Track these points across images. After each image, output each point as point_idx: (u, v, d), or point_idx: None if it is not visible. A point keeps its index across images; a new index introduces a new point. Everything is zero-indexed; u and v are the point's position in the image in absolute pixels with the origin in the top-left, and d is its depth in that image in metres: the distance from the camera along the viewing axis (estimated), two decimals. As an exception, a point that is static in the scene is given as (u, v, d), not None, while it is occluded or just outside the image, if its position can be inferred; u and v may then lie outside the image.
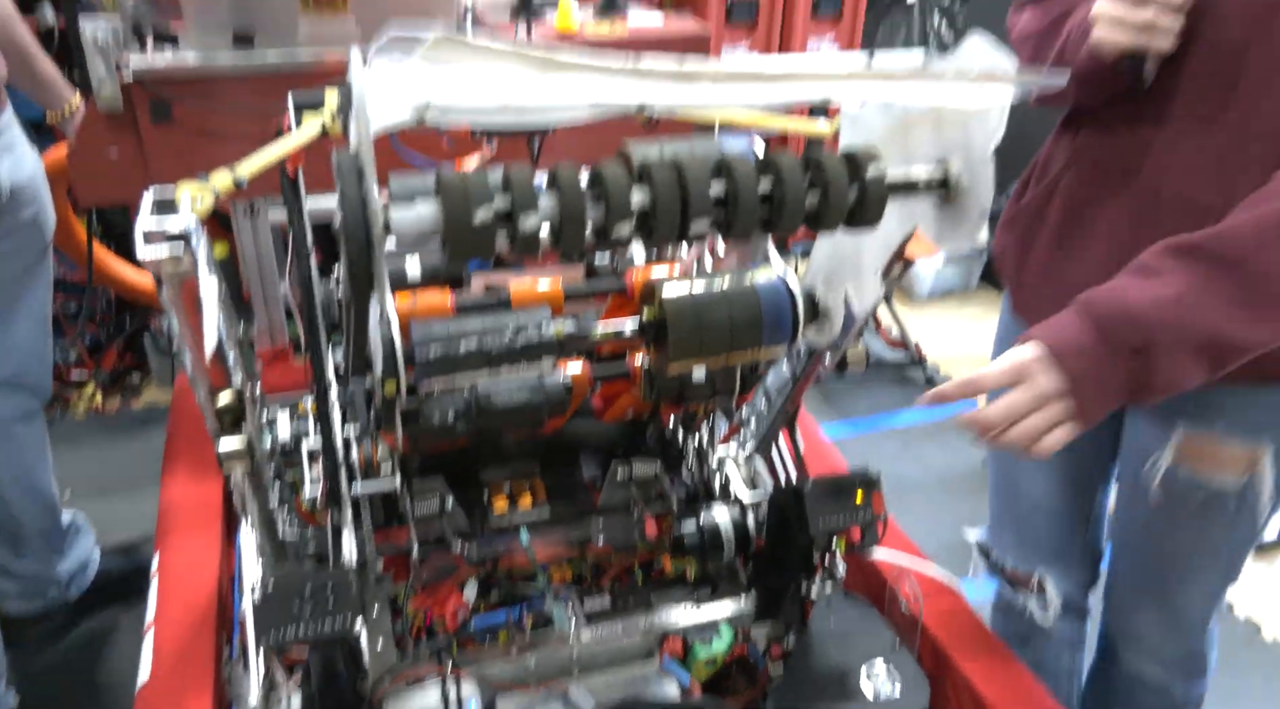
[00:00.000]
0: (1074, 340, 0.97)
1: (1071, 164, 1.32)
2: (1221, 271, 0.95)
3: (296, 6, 1.48)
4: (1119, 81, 1.16)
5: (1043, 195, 1.37)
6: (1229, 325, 0.95)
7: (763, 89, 0.68)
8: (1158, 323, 0.95)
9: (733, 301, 1.01)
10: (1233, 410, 1.26)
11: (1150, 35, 1.08)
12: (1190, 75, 1.12)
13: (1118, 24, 1.09)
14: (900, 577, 1.41)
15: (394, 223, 0.69)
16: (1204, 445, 1.29)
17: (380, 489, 1.28)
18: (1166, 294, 0.95)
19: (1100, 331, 0.96)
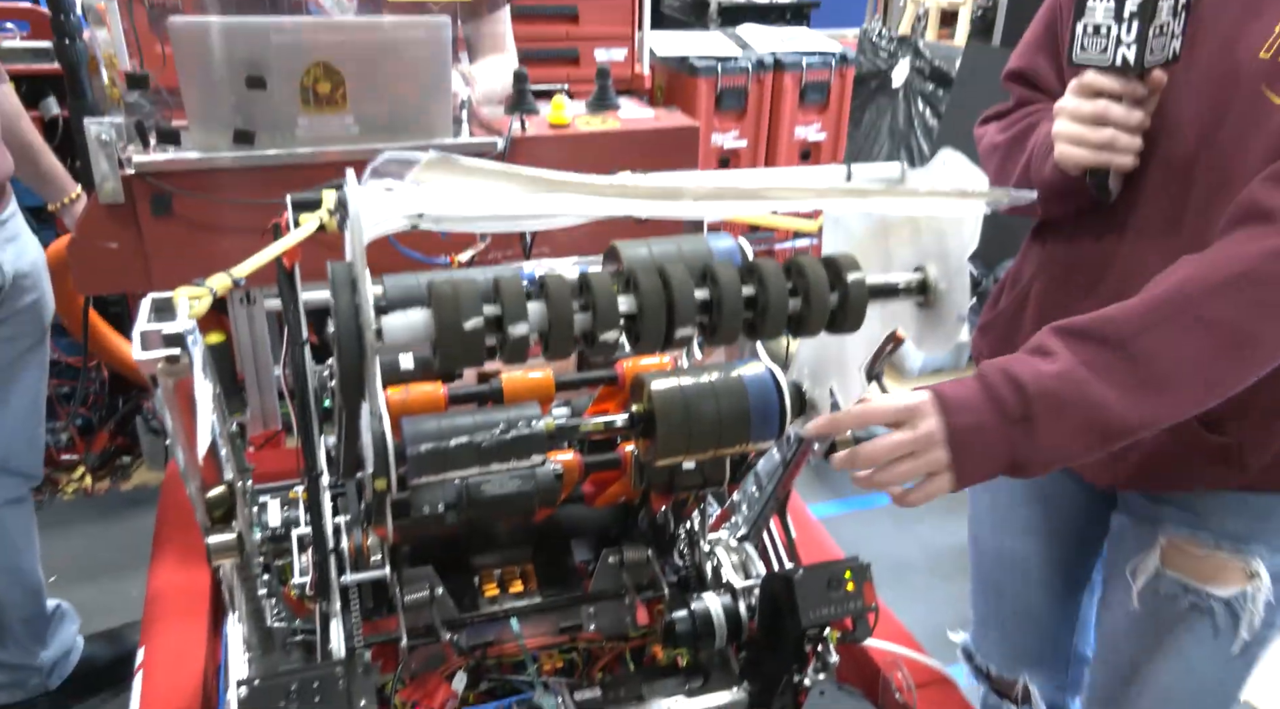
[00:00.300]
0: (964, 397, 0.99)
1: (1041, 272, 1.35)
2: (1105, 352, 0.97)
3: (297, 105, 1.53)
4: (1084, 196, 1.19)
5: (1016, 302, 1.40)
6: (1111, 404, 0.97)
7: (742, 206, 0.71)
8: (1039, 393, 0.96)
9: (720, 397, 1.02)
10: (1220, 515, 1.24)
11: (1111, 153, 1.11)
12: (1148, 188, 1.15)
13: (1078, 142, 1.12)
14: (893, 665, 1.40)
15: (386, 331, 0.71)
16: (1191, 550, 1.27)
17: (370, 578, 1.27)
18: (1051, 369, 0.98)
19: (988, 393, 0.98)
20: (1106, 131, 1.10)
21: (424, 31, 1.59)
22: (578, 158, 1.80)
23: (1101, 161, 1.12)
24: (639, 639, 1.47)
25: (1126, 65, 1.05)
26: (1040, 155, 1.21)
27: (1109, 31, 1.05)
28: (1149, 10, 1.02)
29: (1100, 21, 1.06)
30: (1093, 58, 1.08)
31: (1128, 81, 1.08)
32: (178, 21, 1.46)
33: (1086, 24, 1.07)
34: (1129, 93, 1.08)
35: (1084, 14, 1.07)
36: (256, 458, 1.85)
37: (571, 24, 3.39)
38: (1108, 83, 1.08)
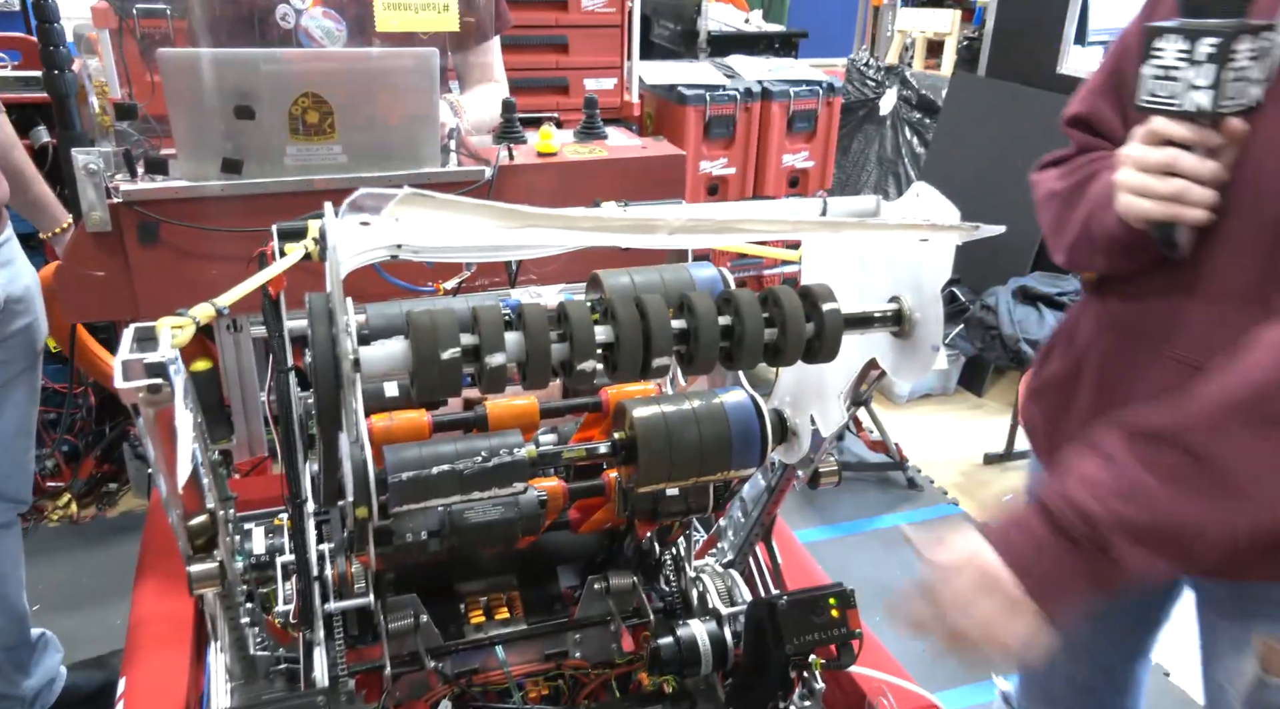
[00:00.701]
0: (1028, 540, 0.92)
1: (1101, 334, 1.23)
2: (1174, 456, 0.89)
3: (285, 135, 1.54)
4: (1150, 251, 1.07)
5: (1072, 365, 1.27)
6: (1187, 519, 0.88)
7: (718, 238, 0.72)
8: (1111, 523, 0.89)
9: (702, 424, 1.03)
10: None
11: (1180, 206, 1.00)
12: (1230, 247, 1.03)
13: (1143, 193, 1.02)
14: (879, 692, 1.40)
15: (364, 362, 0.72)
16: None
17: (353, 606, 1.27)
18: (1116, 486, 0.90)
19: (1054, 526, 0.91)
20: (1175, 183, 0.99)
21: (412, 62, 1.61)
22: (565, 187, 1.82)
23: (1169, 215, 1.01)
24: (625, 666, 1.47)
25: (1200, 111, 0.96)
26: (1103, 205, 1.10)
27: (1180, 75, 0.96)
28: (1225, 51, 0.93)
29: (1170, 63, 0.97)
30: (1161, 102, 0.99)
31: (1200, 129, 0.97)
32: (167, 53, 1.48)
33: (1156, 66, 0.98)
34: (1201, 141, 0.98)
35: (1152, 56, 0.98)
36: (242, 484, 1.85)
37: (561, 54, 3.43)
38: (1178, 130, 0.98)
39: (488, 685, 1.41)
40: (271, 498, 1.62)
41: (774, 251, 1.23)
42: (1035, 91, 3.82)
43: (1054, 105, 3.93)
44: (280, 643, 1.36)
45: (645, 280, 1.01)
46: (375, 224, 0.69)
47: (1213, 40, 0.93)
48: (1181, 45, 0.95)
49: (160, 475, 0.91)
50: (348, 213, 0.68)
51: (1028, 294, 3.45)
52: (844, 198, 0.89)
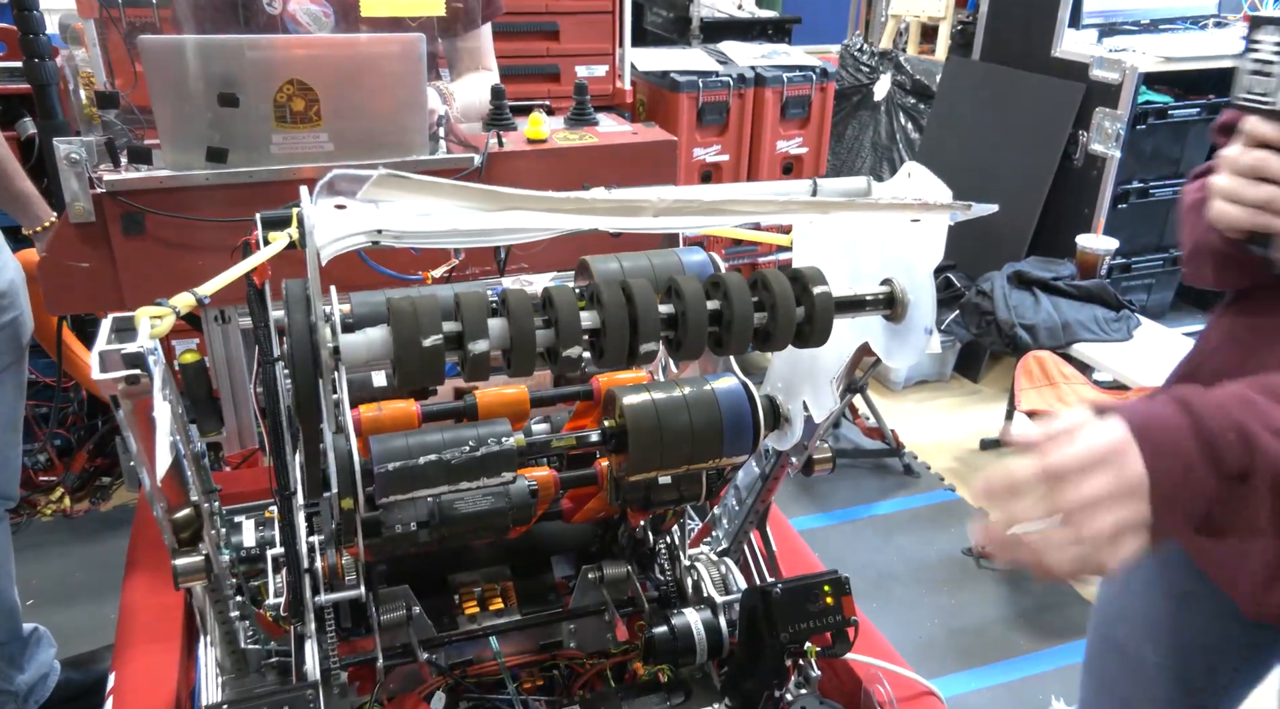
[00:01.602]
0: (1172, 437, 0.78)
1: (1222, 345, 1.16)
2: None
3: (271, 122, 1.52)
4: (1256, 264, 1.00)
5: (1186, 376, 1.21)
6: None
7: (703, 220, 0.70)
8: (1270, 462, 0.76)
9: (693, 411, 1.02)
10: None
11: (1272, 216, 0.93)
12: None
13: (1233, 198, 0.95)
14: (875, 679, 1.39)
15: (344, 349, 0.70)
16: None
17: (344, 598, 1.26)
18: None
19: (1203, 438, 0.77)
20: (1265, 189, 0.91)
21: (399, 48, 1.59)
22: (555, 173, 1.80)
23: (1259, 224, 0.94)
24: (620, 656, 1.46)
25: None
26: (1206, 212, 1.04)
27: (1275, 70, 0.89)
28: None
29: (1268, 58, 0.89)
30: (1255, 99, 0.91)
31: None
32: (148, 40, 1.45)
33: (1253, 59, 0.91)
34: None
35: (1251, 48, 0.91)
36: (233, 477, 1.83)
37: (552, 40, 3.41)
38: (1269, 130, 0.91)
39: (482, 676, 1.40)
40: (263, 490, 1.61)
41: (765, 236, 1.21)
42: (1030, 75, 3.80)
43: (1049, 89, 3.91)
44: (271, 636, 1.35)
45: (634, 265, 0.99)
46: (355, 209, 0.68)
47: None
48: (1277, 37, 0.88)
49: (142, 469, 0.90)
50: (323, 196, 0.67)
51: (1023, 279, 3.44)
52: (834, 179, 0.88)
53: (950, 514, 3.19)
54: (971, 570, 2.91)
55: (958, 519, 3.16)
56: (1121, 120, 3.49)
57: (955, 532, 3.07)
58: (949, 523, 3.13)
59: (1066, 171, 3.74)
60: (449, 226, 0.70)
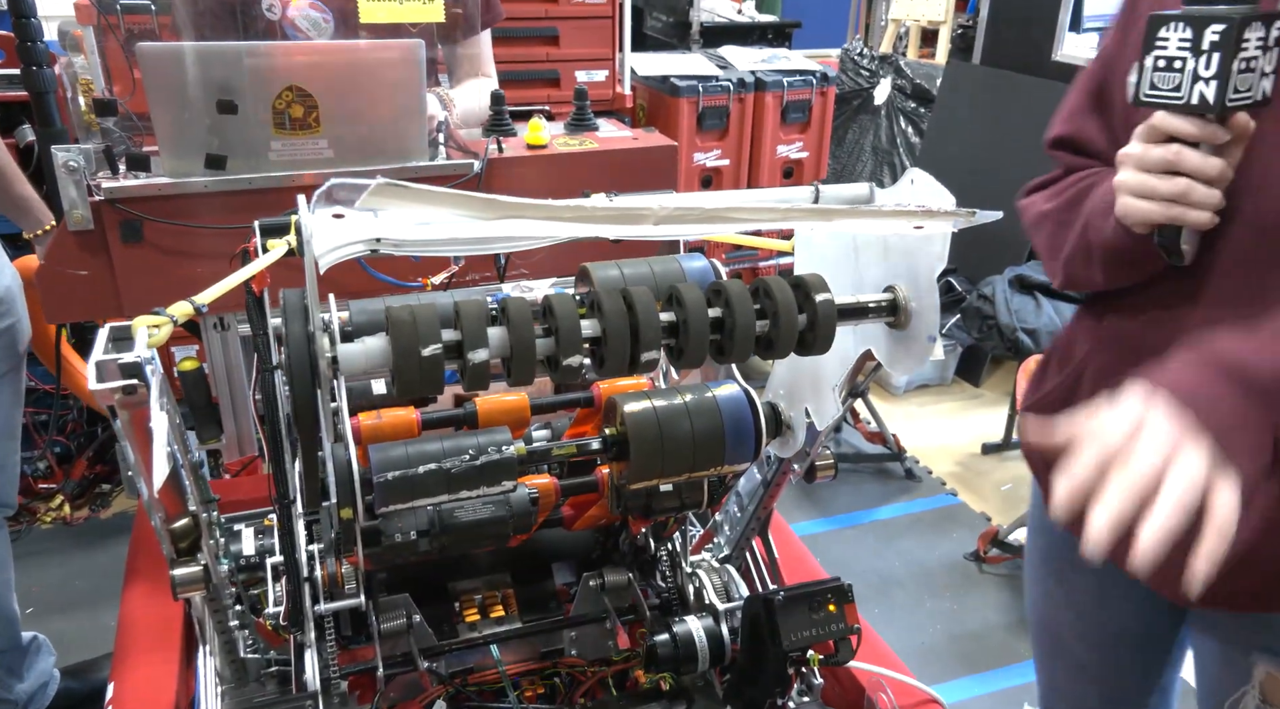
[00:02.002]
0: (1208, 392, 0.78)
1: (1099, 348, 1.17)
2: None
3: (270, 129, 1.52)
4: (1152, 260, 1.02)
5: (1068, 384, 1.22)
6: None
7: (704, 228, 0.70)
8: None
9: (695, 418, 1.01)
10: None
11: (1184, 207, 0.94)
12: (1230, 251, 0.98)
13: (1145, 194, 0.96)
14: (878, 687, 1.39)
15: (342, 360, 0.70)
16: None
17: (344, 607, 1.25)
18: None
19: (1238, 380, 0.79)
20: (1179, 182, 0.93)
21: (398, 54, 1.58)
22: (555, 179, 1.80)
23: (1173, 217, 0.95)
24: (621, 663, 1.45)
25: (1205, 104, 0.90)
26: (1100, 213, 1.05)
27: (1184, 65, 0.90)
28: (1232, 41, 0.87)
29: (1174, 54, 0.90)
30: (1164, 95, 0.92)
31: (1205, 124, 0.92)
32: (146, 47, 1.45)
33: (1158, 57, 0.92)
34: (1207, 137, 0.92)
35: (1154, 45, 0.92)
36: (232, 485, 1.83)
37: (552, 46, 3.41)
38: (1181, 124, 0.92)
39: (483, 685, 1.39)
40: (262, 498, 1.60)
41: (767, 242, 1.21)
42: (1030, 79, 3.80)
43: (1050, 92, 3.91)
44: (271, 645, 1.35)
45: (634, 272, 0.99)
46: (354, 217, 0.67)
47: (1219, 27, 0.87)
48: (1185, 33, 0.89)
49: (140, 479, 0.89)
50: (321, 205, 0.66)
51: (1024, 283, 3.43)
52: (837, 186, 0.87)
53: (952, 519, 3.18)
54: (974, 575, 2.90)
55: (960, 524, 3.15)
56: (1122, 124, 3.48)
57: (957, 536, 3.06)
58: (951, 528, 3.12)
59: (1067, 175, 3.73)
60: (448, 235, 0.70)
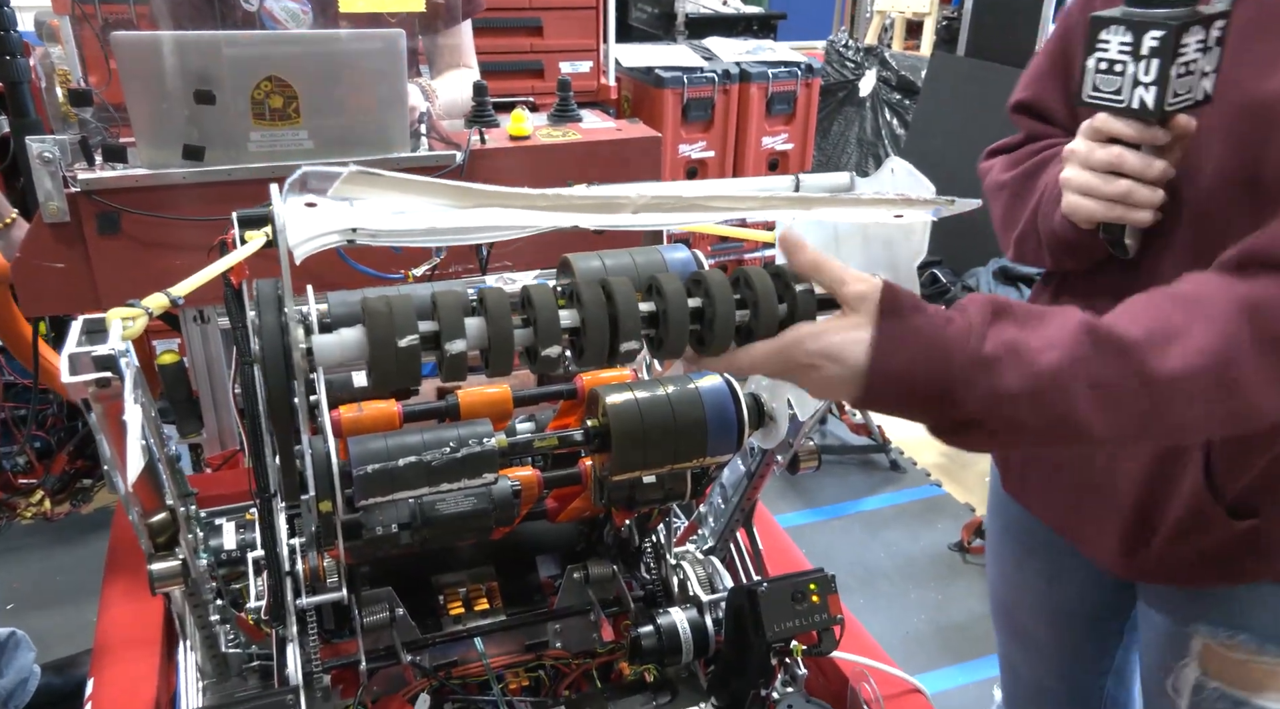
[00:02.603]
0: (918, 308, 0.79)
1: None
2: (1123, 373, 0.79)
3: (249, 120, 1.50)
4: (1098, 249, 1.04)
5: None
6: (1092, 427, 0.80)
7: (683, 216, 0.69)
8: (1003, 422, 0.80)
9: (677, 410, 1.01)
10: (1260, 613, 1.08)
11: (1126, 207, 0.96)
12: (1174, 242, 0.99)
13: (1089, 193, 0.98)
14: (861, 677, 1.39)
15: (317, 351, 0.69)
16: (1232, 655, 1.10)
17: (325, 601, 1.24)
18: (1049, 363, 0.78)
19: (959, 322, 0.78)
20: (1121, 183, 0.95)
21: (378, 44, 1.57)
22: (538, 170, 1.79)
23: (1115, 217, 0.97)
24: (606, 656, 1.45)
25: (1145, 109, 0.89)
26: (1049, 201, 1.07)
27: (1124, 69, 0.89)
28: (1170, 46, 0.85)
29: (1115, 57, 0.90)
30: (1105, 98, 0.92)
31: (1146, 127, 0.92)
32: (121, 36, 1.43)
33: (1099, 59, 0.91)
34: (1148, 139, 0.93)
35: (1096, 48, 0.91)
36: (214, 479, 1.81)
37: (536, 36, 3.39)
38: (1122, 127, 0.93)
39: (467, 678, 1.39)
40: (244, 492, 1.59)
41: (749, 233, 1.20)
42: (1015, 70, 3.80)
43: (1033, 84, 3.90)
44: (253, 640, 1.34)
45: (616, 263, 0.98)
46: (329, 207, 0.66)
47: (1158, 34, 0.85)
48: (1125, 38, 0.88)
49: (116, 473, 0.88)
50: (293, 193, 0.65)
51: (1008, 274, 3.45)
52: (817, 175, 0.87)
53: (936, 509, 3.20)
54: (958, 565, 2.92)
55: (944, 514, 3.16)
56: (1105, 115, 3.50)
57: (942, 527, 3.08)
58: (935, 518, 3.14)
59: (1051, 167, 3.74)
60: (425, 225, 0.69)
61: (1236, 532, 1.03)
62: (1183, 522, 1.05)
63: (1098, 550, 1.20)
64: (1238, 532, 1.03)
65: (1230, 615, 1.09)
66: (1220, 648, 1.10)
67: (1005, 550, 1.45)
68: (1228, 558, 1.06)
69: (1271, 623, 1.07)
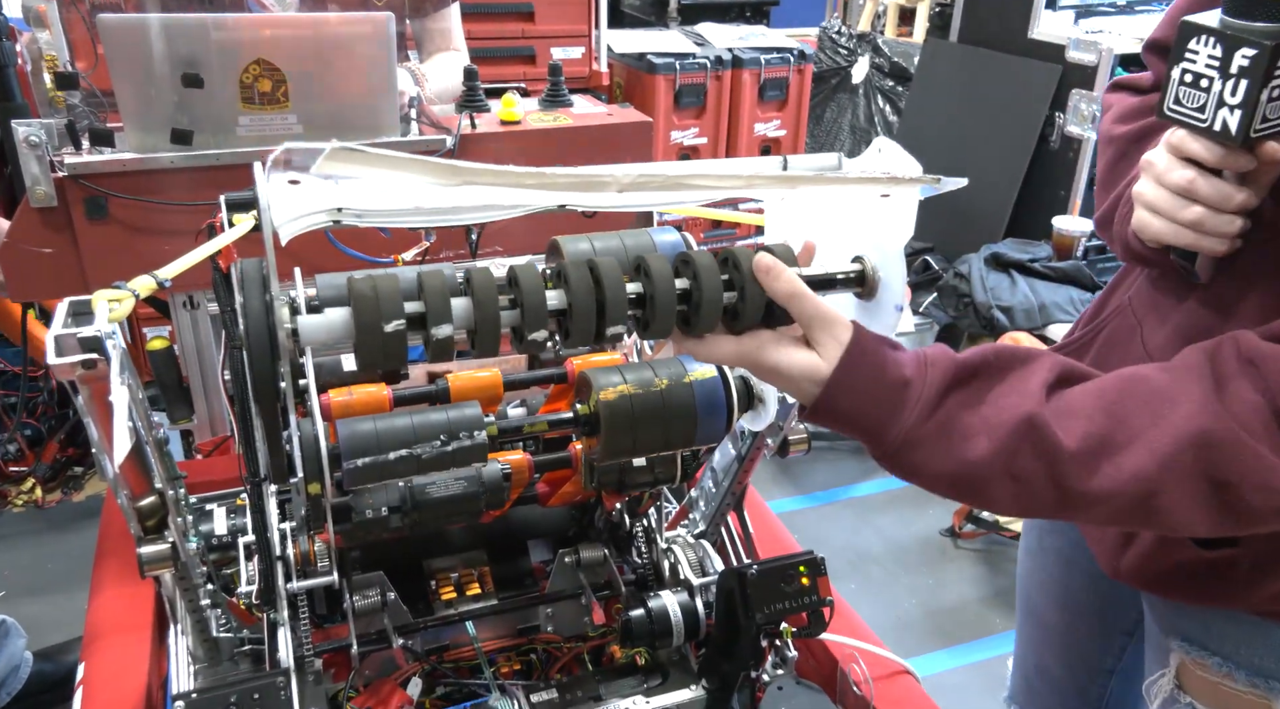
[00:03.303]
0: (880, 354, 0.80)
1: (1120, 312, 1.12)
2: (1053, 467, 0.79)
3: (237, 104, 1.49)
4: (1169, 267, 0.97)
5: (1086, 336, 1.19)
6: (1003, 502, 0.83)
7: (668, 195, 0.69)
8: None
9: (667, 396, 1.01)
10: (1235, 642, 1.06)
11: (1198, 235, 0.88)
12: (1252, 272, 0.91)
13: (1159, 213, 0.90)
14: (851, 659, 1.40)
15: (302, 331, 0.69)
16: (1205, 675, 1.08)
17: (316, 585, 1.24)
18: (976, 453, 0.80)
19: (902, 382, 0.80)
20: (1194, 210, 0.86)
21: (368, 27, 1.56)
22: (529, 155, 1.79)
23: (1185, 243, 0.90)
24: (597, 639, 1.45)
25: (1226, 133, 0.81)
26: (1125, 207, 1.00)
27: (1210, 86, 0.81)
28: (1262, 68, 0.76)
29: (1202, 71, 0.81)
30: (1187, 114, 0.84)
31: (1228, 152, 0.83)
32: (108, 18, 1.42)
33: (1185, 70, 0.83)
34: (1229, 165, 0.84)
35: (1184, 57, 0.83)
36: (205, 465, 1.81)
37: (527, 22, 3.38)
38: (1201, 149, 0.85)
39: (459, 662, 1.39)
40: (235, 478, 1.59)
41: (743, 217, 1.20)
42: (1007, 57, 3.80)
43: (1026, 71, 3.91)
44: (245, 624, 1.34)
45: (605, 246, 0.98)
46: (312, 186, 0.66)
47: (1250, 52, 0.77)
48: (1215, 51, 0.79)
49: (104, 455, 0.88)
50: (276, 170, 0.65)
51: (1000, 261, 3.45)
52: (805, 156, 0.87)
53: (928, 496, 3.19)
54: (949, 551, 2.93)
55: (935, 500, 3.17)
56: (1097, 102, 3.50)
57: (933, 513, 3.09)
58: (927, 504, 3.15)
59: (1043, 154, 3.74)
60: (412, 205, 0.69)
61: (1204, 560, 1.00)
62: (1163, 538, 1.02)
63: (1095, 544, 1.19)
64: (1205, 560, 1.00)
65: (1205, 637, 1.08)
66: (1194, 665, 1.09)
67: (1030, 529, 1.45)
68: (1200, 580, 1.03)
69: (1244, 653, 1.05)
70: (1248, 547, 0.97)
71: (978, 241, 3.63)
